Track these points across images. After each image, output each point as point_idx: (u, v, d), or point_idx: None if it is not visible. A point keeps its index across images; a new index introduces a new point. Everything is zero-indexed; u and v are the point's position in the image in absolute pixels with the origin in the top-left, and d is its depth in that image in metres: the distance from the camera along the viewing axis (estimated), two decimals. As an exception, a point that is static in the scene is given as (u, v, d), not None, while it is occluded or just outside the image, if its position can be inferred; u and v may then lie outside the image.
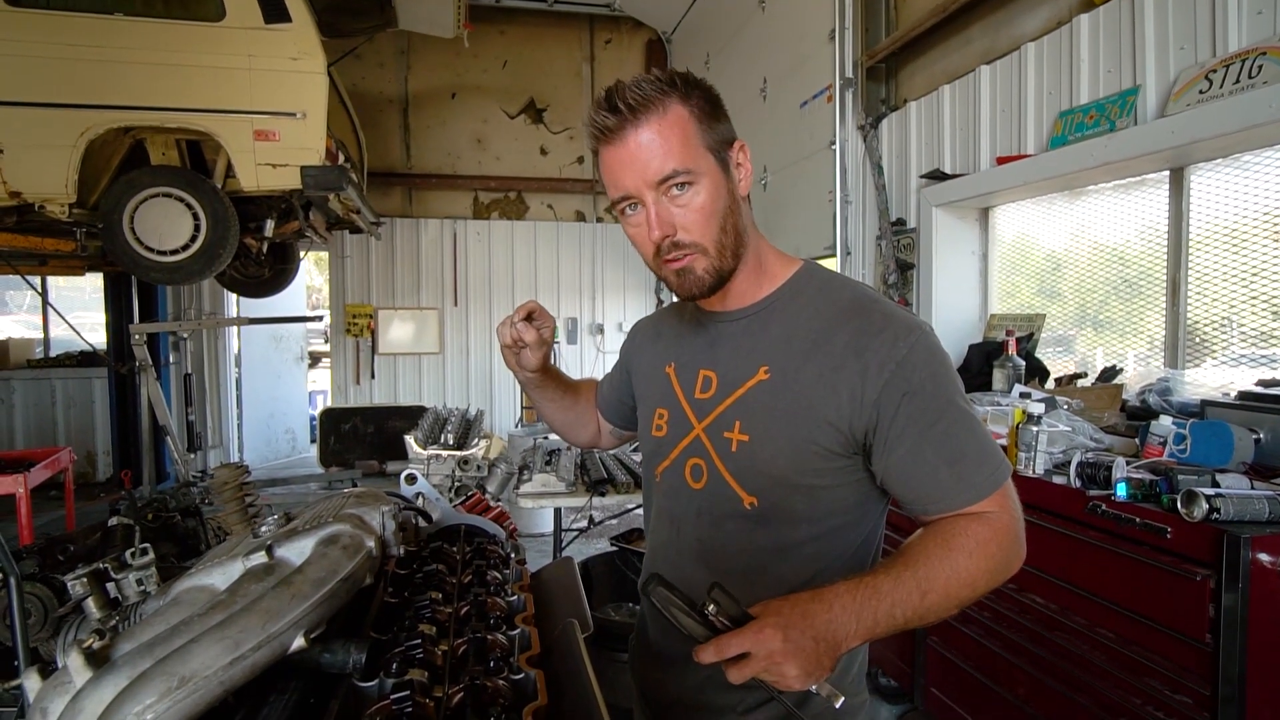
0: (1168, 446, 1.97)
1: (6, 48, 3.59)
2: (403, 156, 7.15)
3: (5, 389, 6.65)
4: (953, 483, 0.89)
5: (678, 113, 0.88)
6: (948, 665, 2.44)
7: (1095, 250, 2.91)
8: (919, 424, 0.88)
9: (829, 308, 0.96)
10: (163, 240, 3.83)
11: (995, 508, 0.89)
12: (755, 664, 0.76)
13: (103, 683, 0.55)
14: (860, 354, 0.90)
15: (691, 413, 1.03)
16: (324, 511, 0.89)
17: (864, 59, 3.99)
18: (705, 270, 0.93)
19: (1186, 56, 2.32)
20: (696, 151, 0.89)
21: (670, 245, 0.91)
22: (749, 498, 0.96)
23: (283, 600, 0.66)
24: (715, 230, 0.91)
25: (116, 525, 1.17)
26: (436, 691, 0.74)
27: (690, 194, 0.89)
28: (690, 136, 0.89)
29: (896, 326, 0.91)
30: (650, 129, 0.87)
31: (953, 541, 0.86)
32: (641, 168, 0.88)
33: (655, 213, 0.90)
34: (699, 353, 1.06)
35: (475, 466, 3.50)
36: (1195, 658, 1.63)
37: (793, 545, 0.97)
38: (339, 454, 6.44)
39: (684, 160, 0.88)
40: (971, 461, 0.89)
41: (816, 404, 0.92)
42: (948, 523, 0.89)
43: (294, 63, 3.83)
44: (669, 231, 0.90)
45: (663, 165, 0.87)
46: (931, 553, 0.85)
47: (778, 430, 0.94)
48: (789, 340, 0.96)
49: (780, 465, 0.94)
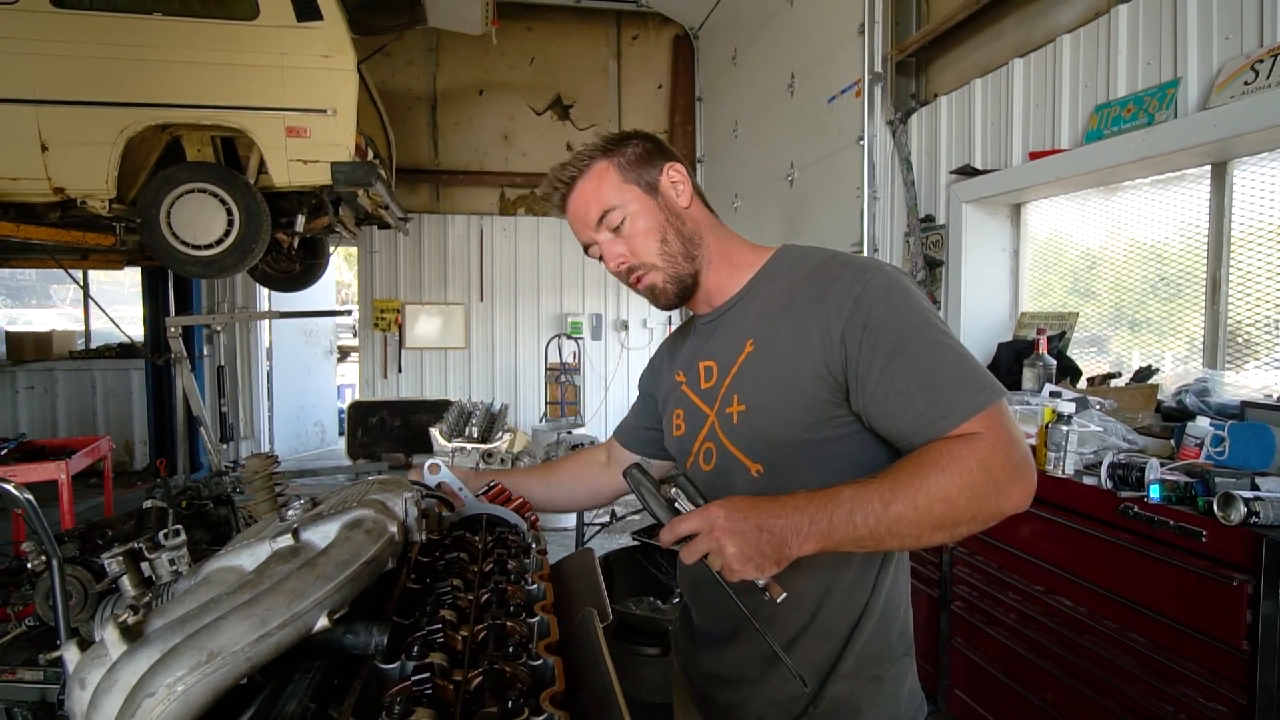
0: (1204, 448, 1.92)
1: (51, 48, 3.70)
2: (430, 153, 7.23)
3: (49, 379, 6.88)
4: (929, 406, 0.87)
5: (600, 168, 1.06)
6: (972, 667, 2.40)
7: (1132, 248, 2.83)
8: (884, 352, 0.89)
9: (797, 274, 1.03)
10: (198, 235, 3.93)
11: (982, 430, 0.85)
12: (700, 541, 0.81)
13: (137, 655, 0.57)
14: (821, 299, 0.95)
15: (703, 403, 1.09)
16: (348, 497, 0.91)
17: (894, 53, 3.93)
18: (664, 281, 1.06)
19: (1231, 47, 2.25)
20: (621, 190, 1.05)
21: (627, 270, 1.06)
22: (754, 465, 1.01)
23: (307, 581, 0.67)
24: (656, 245, 1.05)
25: (151, 508, 1.20)
26: (456, 675, 0.75)
27: (627, 224, 1.04)
28: (613, 181, 1.05)
29: (854, 269, 0.96)
30: (578, 189, 1.06)
31: (926, 457, 0.84)
32: (582, 219, 1.06)
33: (604, 249, 1.06)
34: (699, 351, 1.13)
35: (499, 460, 3.54)
36: (1231, 665, 1.59)
37: None
38: (366, 446, 6.55)
39: (609, 200, 1.04)
40: (948, 385, 0.86)
41: (795, 357, 0.96)
42: (928, 444, 0.87)
43: (325, 60, 3.89)
44: (622, 260, 1.05)
45: (593, 212, 1.05)
46: (902, 467, 0.84)
47: (768, 392, 0.99)
48: (765, 311, 1.03)
49: (776, 425, 0.98)
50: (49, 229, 4.08)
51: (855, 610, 1.00)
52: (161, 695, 0.54)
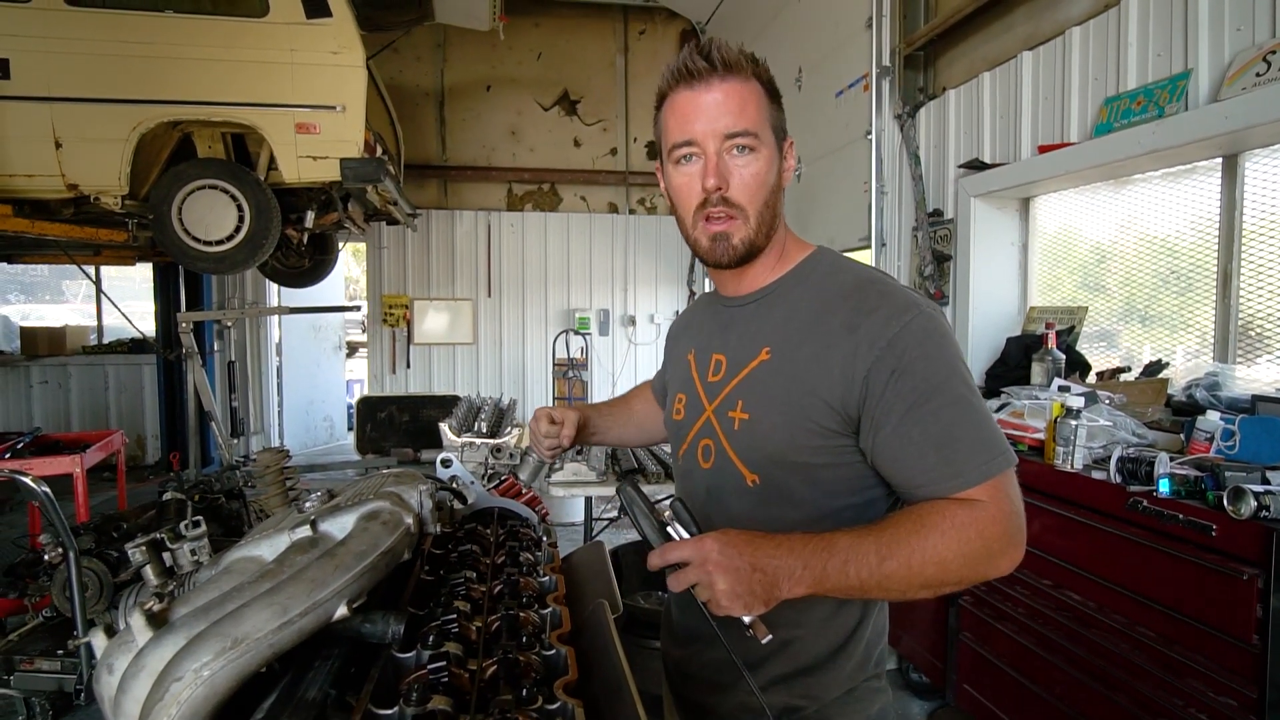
0: (1215, 442, 1.92)
1: (65, 46, 3.74)
2: (438, 149, 7.24)
3: (62, 374, 6.95)
4: (940, 467, 0.86)
5: (755, 86, 0.94)
6: (981, 661, 2.41)
7: (1143, 242, 2.82)
8: (906, 401, 0.87)
9: (831, 289, 0.98)
10: (209, 231, 3.96)
11: (986, 499, 0.85)
12: (690, 571, 0.79)
13: (163, 642, 0.59)
14: (853, 331, 0.91)
15: (704, 395, 1.06)
16: (364, 489, 0.93)
17: (902, 47, 3.91)
18: (740, 239, 0.96)
19: (1243, 38, 2.23)
20: (764, 123, 0.94)
21: (719, 199, 0.94)
22: (751, 475, 0.98)
23: (327, 570, 0.69)
24: (760, 201, 0.95)
25: (170, 500, 1.22)
26: (471, 664, 0.77)
27: (750, 158, 0.93)
28: (762, 108, 0.94)
29: (892, 304, 0.91)
30: (732, 87, 0.92)
31: (927, 518, 0.83)
32: (715, 117, 0.92)
33: (715, 163, 0.93)
34: (713, 337, 1.09)
35: (508, 454, 3.56)
36: (1241, 659, 1.59)
37: (795, 525, 0.94)
38: (375, 441, 6.58)
39: (755, 124, 0.93)
40: (963, 447, 0.85)
41: (811, 382, 0.93)
42: (930, 503, 0.86)
43: (334, 57, 3.91)
44: (723, 184, 0.93)
45: (736, 121, 0.92)
46: (901, 523, 0.83)
47: (775, 408, 0.96)
48: (789, 321, 0.98)
49: (777, 442, 0.95)
50: (63, 225, 4.11)
51: (838, 638, 1.00)
52: (189, 679, 0.55)
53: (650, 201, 7.61)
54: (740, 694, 1.02)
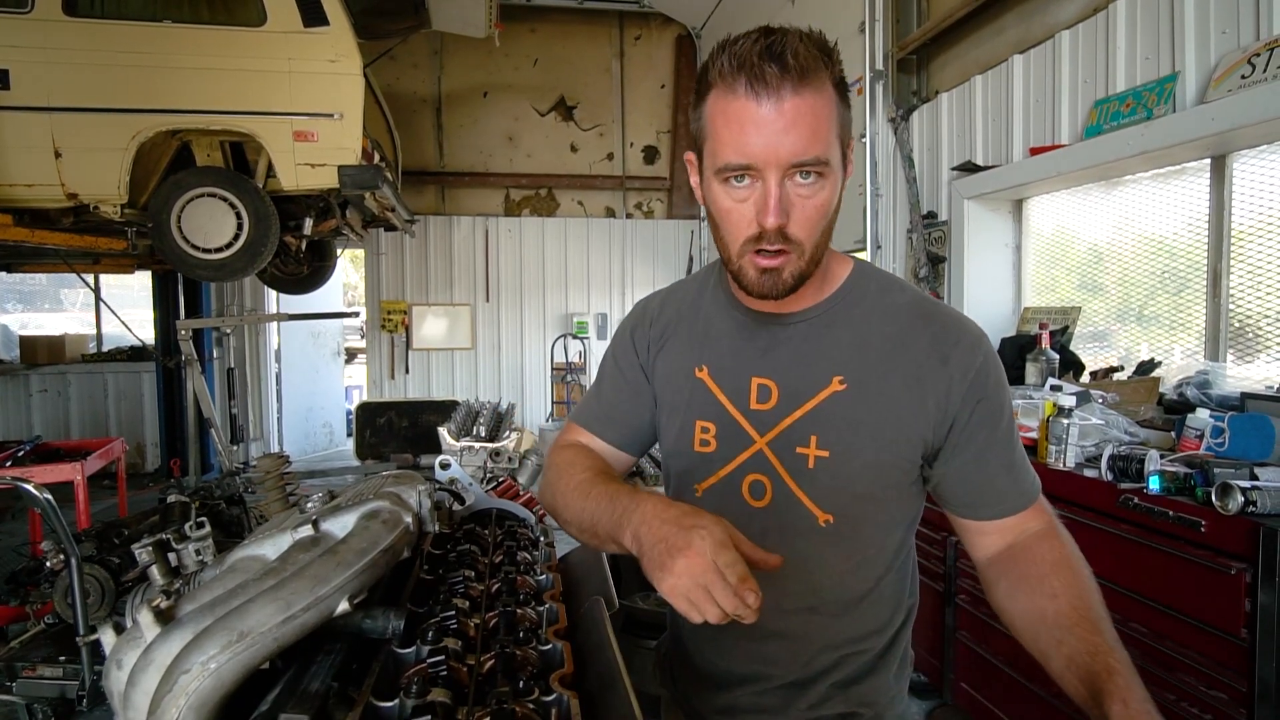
0: (1205, 440, 1.94)
1: (65, 56, 3.76)
2: (436, 155, 7.27)
3: (62, 382, 6.96)
4: (1010, 486, 0.90)
5: (830, 95, 0.78)
6: (977, 660, 2.43)
7: (1138, 242, 2.84)
8: (987, 428, 0.89)
9: (900, 313, 0.91)
10: (208, 238, 3.98)
11: (1046, 516, 0.91)
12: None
13: (171, 637, 0.61)
14: (945, 361, 0.88)
15: (750, 426, 0.92)
16: (365, 490, 0.95)
17: (895, 50, 3.95)
18: (792, 273, 0.83)
19: (1229, 41, 2.27)
20: (834, 142, 0.79)
21: (778, 235, 0.79)
22: (824, 515, 0.90)
23: (329, 567, 0.71)
24: (820, 233, 0.82)
25: (174, 503, 1.24)
26: (469, 659, 0.79)
27: (815, 188, 0.79)
28: (834, 124, 0.79)
29: (964, 332, 0.91)
30: (806, 103, 0.75)
31: (1070, 562, 0.85)
32: (780, 140, 0.75)
33: (777, 196, 0.77)
34: (747, 358, 0.94)
35: (507, 458, 3.58)
36: (1231, 653, 1.61)
37: (864, 559, 0.94)
38: (375, 447, 6.59)
39: (825, 149, 0.77)
40: (1022, 467, 0.91)
41: (905, 416, 0.88)
42: (1041, 542, 0.88)
43: (331, 65, 3.94)
44: (784, 220, 0.79)
45: (807, 148, 0.76)
46: (1086, 595, 0.82)
47: (863, 444, 0.88)
48: (863, 347, 0.90)
49: (866, 481, 0.89)
50: (62, 234, 4.13)
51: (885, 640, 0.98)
52: (196, 671, 0.57)
53: (647, 206, 7.65)
54: (794, 713, 0.96)
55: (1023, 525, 0.91)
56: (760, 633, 0.90)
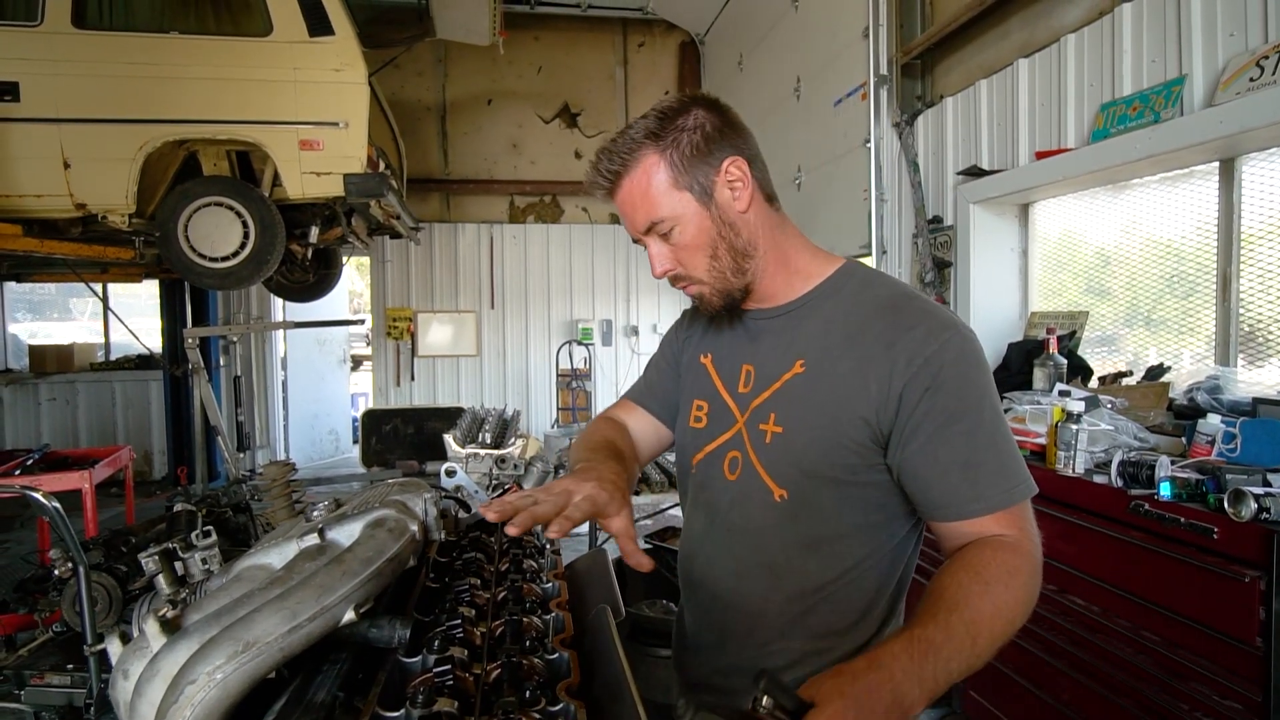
0: (1216, 445, 1.92)
1: (73, 68, 3.80)
2: (441, 163, 7.30)
3: (70, 391, 7.00)
4: (964, 488, 0.86)
5: (649, 162, 0.94)
6: (987, 668, 2.38)
7: (1145, 245, 2.83)
8: (936, 420, 0.87)
9: (868, 303, 0.97)
10: (215, 247, 4.00)
11: (1013, 530, 0.85)
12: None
13: (177, 647, 0.61)
14: (890, 347, 0.90)
15: (735, 406, 1.04)
16: (371, 498, 0.94)
17: (899, 55, 3.95)
18: (712, 293, 1.00)
19: (1236, 43, 2.25)
20: (670, 197, 0.94)
21: (672, 278, 1.00)
22: (779, 490, 0.97)
23: (335, 576, 0.70)
24: (705, 262, 0.97)
25: (181, 511, 1.24)
26: (475, 668, 0.78)
27: (675, 235, 0.96)
28: (662, 186, 0.94)
29: (931, 323, 0.91)
30: (628, 185, 0.95)
31: (985, 572, 0.81)
32: (629, 219, 0.98)
33: (652, 254, 0.99)
34: (739, 346, 1.07)
35: (512, 465, 3.57)
36: (1245, 662, 1.59)
37: (821, 540, 0.97)
38: (380, 454, 6.60)
39: (656, 211, 0.95)
40: (987, 470, 0.86)
41: (849, 397, 0.92)
42: (973, 551, 0.84)
43: (337, 74, 3.96)
44: (668, 268, 0.99)
45: (643, 218, 0.96)
46: (969, 588, 0.79)
47: (811, 422, 0.95)
48: (825, 334, 0.97)
49: (812, 458, 0.94)
50: (71, 244, 4.17)
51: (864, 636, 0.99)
52: (202, 682, 0.57)
53: (652, 212, 7.66)
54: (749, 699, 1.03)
55: (987, 533, 0.86)
56: (720, 601, 1.05)
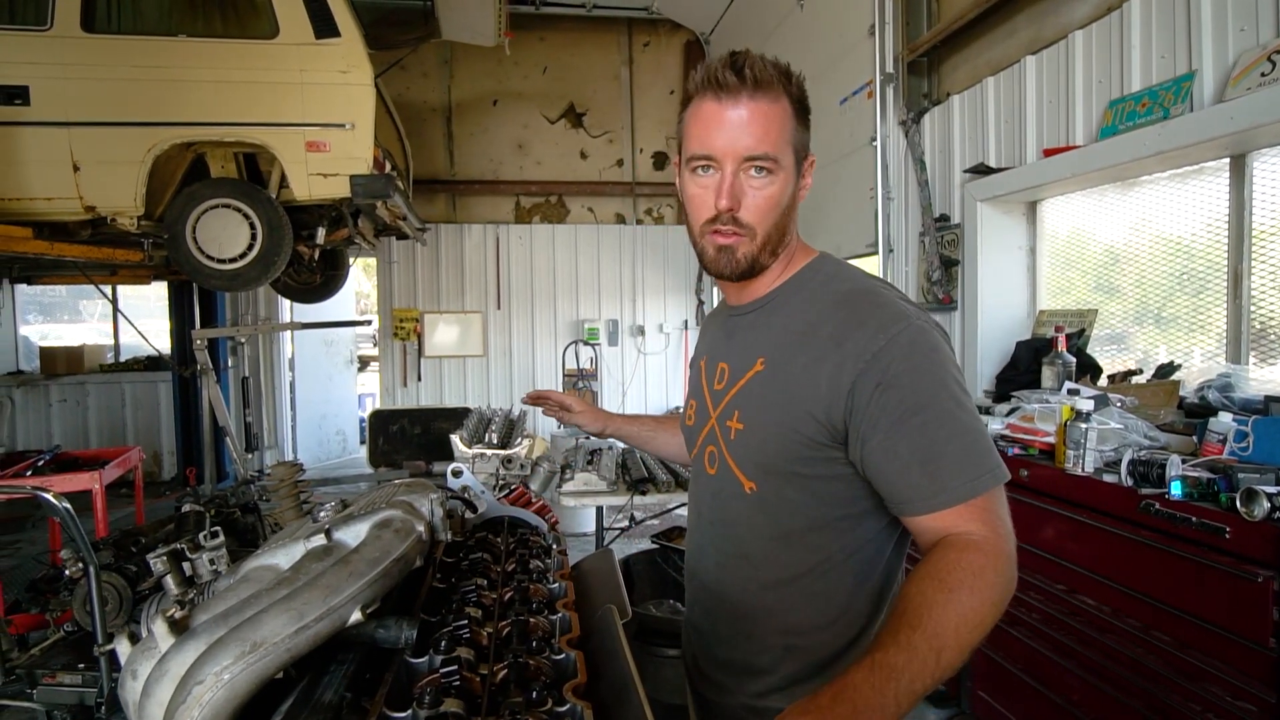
0: (1228, 444, 1.90)
1: (82, 71, 3.83)
2: (446, 163, 7.32)
3: (80, 392, 7.06)
4: (925, 482, 0.85)
5: (784, 105, 0.94)
6: (995, 668, 2.39)
7: (1155, 243, 2.80)
8: (891, 416, 0.86)
9: (825, 299, 0.98)
10: (222, 249, 4.02)
11: (979, 524, 0.83)
12: None
13: (185, 647, 0.61)
14: (840, 344, 0.91)
15: (710, 403, 1.09)
16: (377, 499, 0.95)
17: (905, 53, 3.93)
18: (744, 254, 0.97)
19: (1247, 38, 2.23)
20: (785, 146, 0.94)
21: (730, 218, 0.94)
22: (749, 483, 1.00)
23: (341, 577, 0.70)
24: (770, 223, 0.96)
25: (189, 512, 1.24)
26: (482, 668, 0.78)
27: (767, 180, 0.94)
28: (786, 130, 0.94)
29: (881, 317, 0.90)
30: (760, 106, 0.91)
31: (949, 578, 0.79)
32: (736, 136, 0.91)
33: (730, 184, 0.93)
34: (719, 346, 1.12)
35: (519, 465, 3.57)
36: (1258, 663, 1.57)
37: (793, 533, 0.98)
38: (387, 454, 6.62)
39: (776, 148, 0.93)
40: (948, 463, 0.84)
41: (800, 394, 0.93)
42: (937, 555, 0.82)
43: (343, 75, 3.98)
44: (735, 206, 0.94)
45: (758, 144, 0.91)
46: (932, 599, 0.77)
47: (767, 419, 0.97)
48: (785, 331, 0.99)
49: (769, 453, 0.97)
50: (80, 246, 4.19)
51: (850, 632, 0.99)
52: (210, 682, 0.57)
53: (657, 211, 7.65)
54: (744, 696, 1.04)
55: (954, 527, 0.84)
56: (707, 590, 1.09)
